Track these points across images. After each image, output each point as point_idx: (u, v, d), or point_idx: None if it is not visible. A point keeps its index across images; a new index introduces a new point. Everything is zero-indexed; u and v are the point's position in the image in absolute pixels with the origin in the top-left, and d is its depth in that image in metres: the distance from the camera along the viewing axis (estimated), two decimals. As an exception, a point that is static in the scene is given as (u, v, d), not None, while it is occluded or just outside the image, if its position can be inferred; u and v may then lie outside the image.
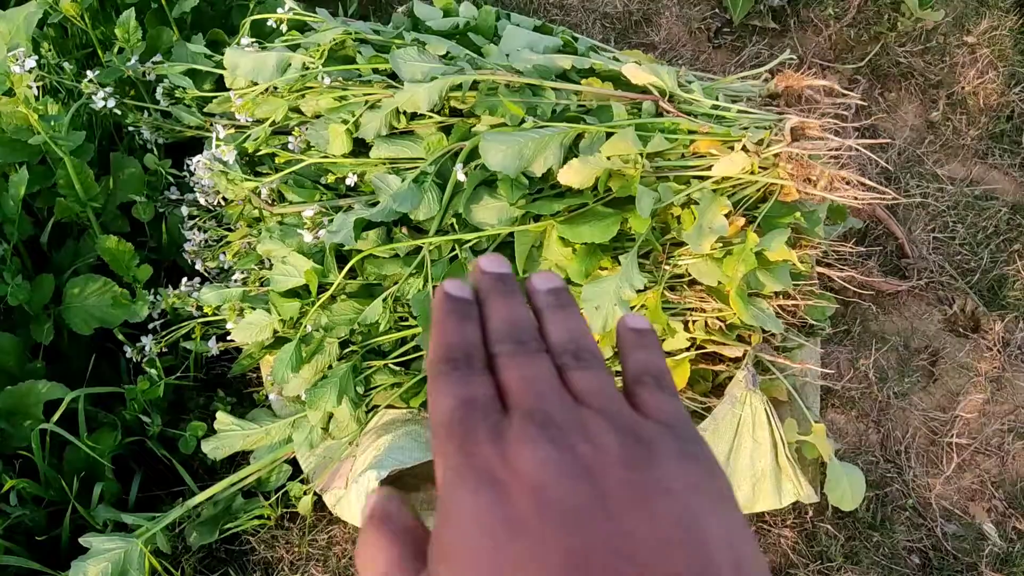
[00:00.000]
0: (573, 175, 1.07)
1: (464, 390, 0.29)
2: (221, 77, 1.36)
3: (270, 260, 1.26)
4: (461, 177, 1.11)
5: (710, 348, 1.20)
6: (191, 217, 1.40)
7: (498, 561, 0.25)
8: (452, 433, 0.28)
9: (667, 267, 1.15)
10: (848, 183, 1.12)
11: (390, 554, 0.29)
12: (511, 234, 1.14)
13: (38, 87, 1.26)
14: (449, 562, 0.26)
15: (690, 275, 1.15)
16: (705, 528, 0.25)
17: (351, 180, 1.21)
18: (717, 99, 1.17)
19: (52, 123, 1.23)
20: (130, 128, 1.44)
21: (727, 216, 1.09)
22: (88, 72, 1.35)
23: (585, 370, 0.30)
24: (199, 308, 1.31)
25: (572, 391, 0.29)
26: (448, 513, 0.27)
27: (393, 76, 1.22)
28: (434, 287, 1.13)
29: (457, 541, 0.26)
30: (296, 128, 1.28)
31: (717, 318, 1.18)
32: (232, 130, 1.34)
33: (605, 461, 0.26)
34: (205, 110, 1.40)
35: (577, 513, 0.25)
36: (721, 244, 1.12)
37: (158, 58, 1.43)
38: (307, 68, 1.25)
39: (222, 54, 1.33)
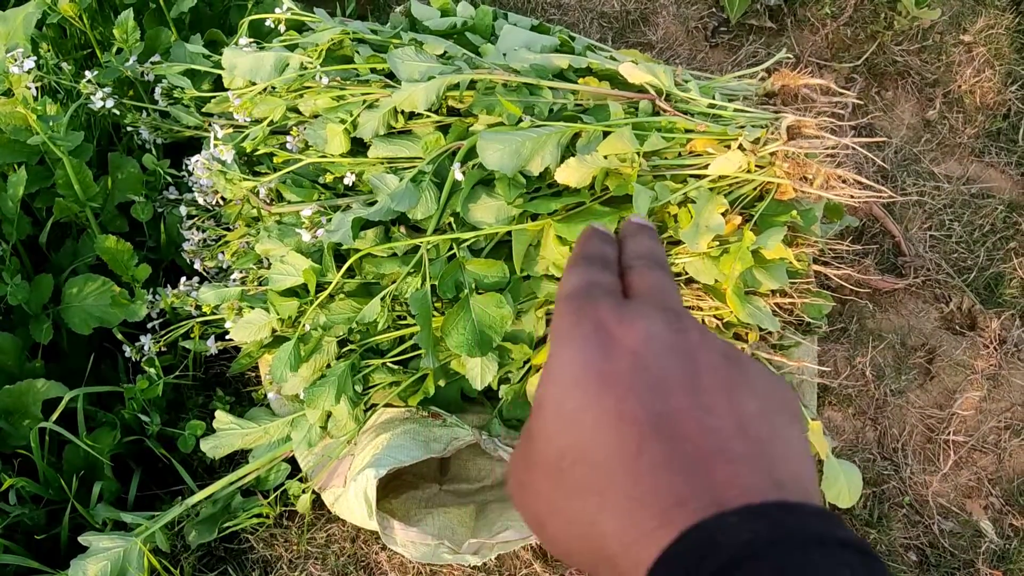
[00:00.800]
0: (570, 174, 1.07)
1: (593, 275, 0.32)
2: (219, 77, 1.36)
3: (268, 259, 1.27)
4: (459, 176, 1.11)
5: (707, 346, 1.20)
6: (190, 217, 1.40)
7: (581, 414, 0.27)
8: (574, 298, 0.30)
9: (664, 265, 1.15)
10: (844, 181, 1.13)
11: None
12: (509, 233, 1.14)
13: (37, 87, 1.27)
14: (539, 413, 0.28)
15: (687, 273, 1.15)
16: (779, 436, 0.27)
17: (349, 179, 1.21)
18: (714, 98, 1.17)
19: (51, 123, 1.23)
20: (129, 128, 1.45)
21: (724, 214, 1.09)
22: (87, 72, 1.36)
23: None
24: (198, 307, 1.31)
25: None
26: (551, 364, 0.29)
27: (391, 76, 1.22)
28: (433, 286, 1.13)
29: (550, 392, 0.28)
30: (294, 128, 1.28)
31: (714, 316, 1.18)
32: (230, 130, 1.34)
33: (710, 349, 0.29)
34: (203, 110, 1.40)
35: (668, 381, 0.27)
36: (718, 242, 1.12)
37: (156, 58, 1.43)
38: (305, 68, 1.25)
39: (220, 54, 1.33)
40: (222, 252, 1.36)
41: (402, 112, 1.19)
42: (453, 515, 1.22)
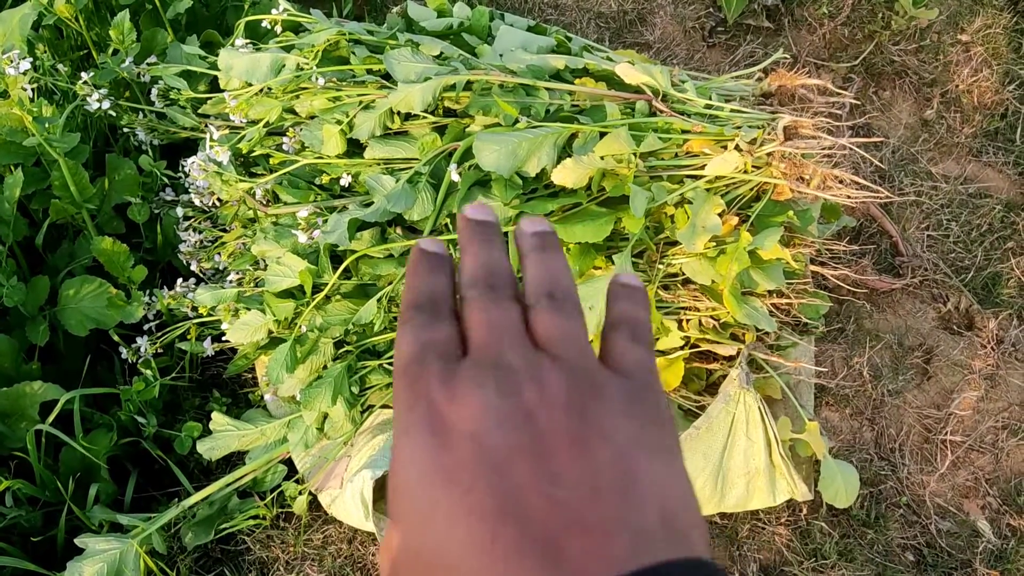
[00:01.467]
0: (567, 175, 1.07)
1: (424, 334, 0.29)
2: (215, 78, 1.36)
3: (265, 261, 1.27)
4: (455, 177, 1.11)
5: (704, 347, 1.20)
6: (186, 218, 1.40)
7: (432, 513, 0.25)
8: (407, 374, 0.28)
9: (661, 266, 1.15)
10: (841, 182, 1.13)
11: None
12: (505, 234, 1.14)
13: (33, 89, 1.27)
14: (392, 511, 0.27)
15: (684, 274, 1.15)
16: (640, 478, 0.26)
17: (345, 181, 1.21)
18: (710, 98, 1.17)
19: (47, 125, 1.23)
20: (125, 129, 1.45)
21: (720, 215, 1.09)
22: (83, 74, 1.35)
23: (555, 312, 0.29)
24: (194, 309, 1.31)
25: (536, 336, 0.29)
26: (395, 459, 0.27)
27: (387, 77, 1.22)
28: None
29: (399, 491, 0.27)
30: (290, 129, 1.28)
31: (711, 317, 1.18)
32: (226, 131, 1.34)
33: (549, 405, 0.27)
34: (200, 111, 1.40)
35: (511, 458, 0.25)
36: (714, 243, 1.12)
37: (153, 59, 1.43)
38: (301, 69, 1.25)
39: (216, 55, 1.33)
40: (218, 253, 1.36)
41: (398, 113, 1.19)
42: (450, 516, 1.22)
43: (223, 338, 1.28)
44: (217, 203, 1.36)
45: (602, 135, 1.10)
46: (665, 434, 0.28)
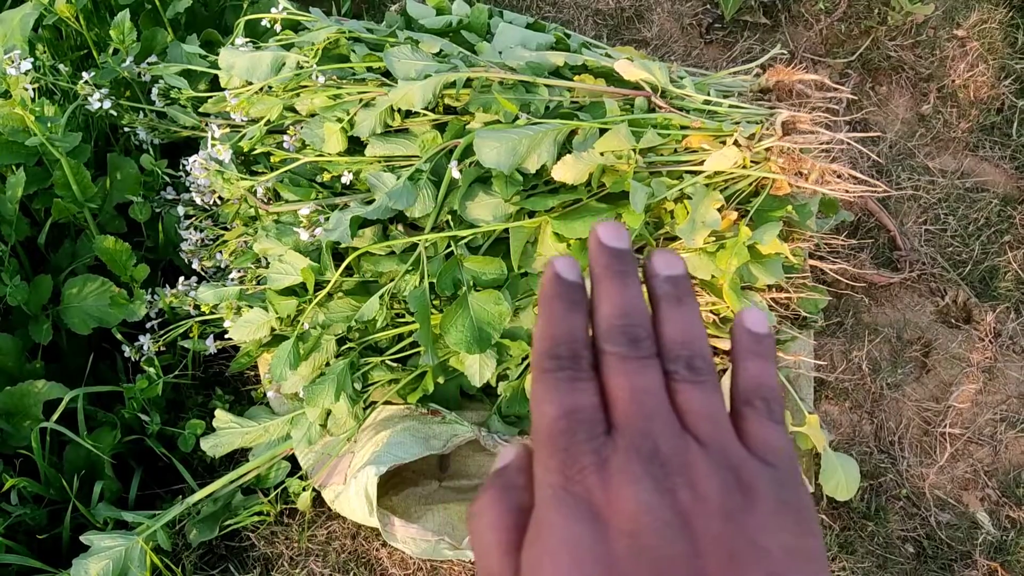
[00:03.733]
0: (567, 171, 1.08)
1: (568, 399, 0.28)
2: (216, 77, 1.37)
3: (267, 258, 1.27)
4: (456, 174, 1.12)
5: (704, 341, 1.21)
6: (187, 216, 1.40)
7: None
8: (555, 448, 0.28)
9: (661, 261, 1.16)
10: (839, 176, 1.14)
11: (501, 536, 0.29)
12: (506, 230, 1.15)
13: (34, 89, 1.27)
14: (533, 570, 0.27)
15: (684, 269, 1.15)
16: None
17: (346, 178, 1.22)
18: (709, 94, 1.18)
19: (48, 124, 1.23)
20: (126, 129, 1.45)
21: (719, 210, 1.10)
22: (84, 73, 1.36)
23: (696, 386, 0.29)
24: (196, 307, 1.31)
25: (678, 409, 0.29)
26: (542, 533, 0.27)
27: (387, 74, 1.23)
28: (431, 284, 1.14)
29: (549, 565, 0.26)
30: (291, 127, 1.29)
31: (711, 311, 1.19)
32: (227, 129, 1.35)
33: (704, 511, 0.27)
34: (200, 110, 1.41)
35: (670, 565, 0.25)
36: (714, 238, 1.13)
37: (153, 59, 1.44)
38: (301, 67, 1.25)
39: (216, 54, 1.33)
40: (220, 252, 1.37)
41: (399, 110, 1.19)
42: (453, 511, 1.23)
43: (225, 336, 1.29)
44: (218, 201, 1.36)
45: (602, 131, 1.11)
46: (812, 539, 0.27)
